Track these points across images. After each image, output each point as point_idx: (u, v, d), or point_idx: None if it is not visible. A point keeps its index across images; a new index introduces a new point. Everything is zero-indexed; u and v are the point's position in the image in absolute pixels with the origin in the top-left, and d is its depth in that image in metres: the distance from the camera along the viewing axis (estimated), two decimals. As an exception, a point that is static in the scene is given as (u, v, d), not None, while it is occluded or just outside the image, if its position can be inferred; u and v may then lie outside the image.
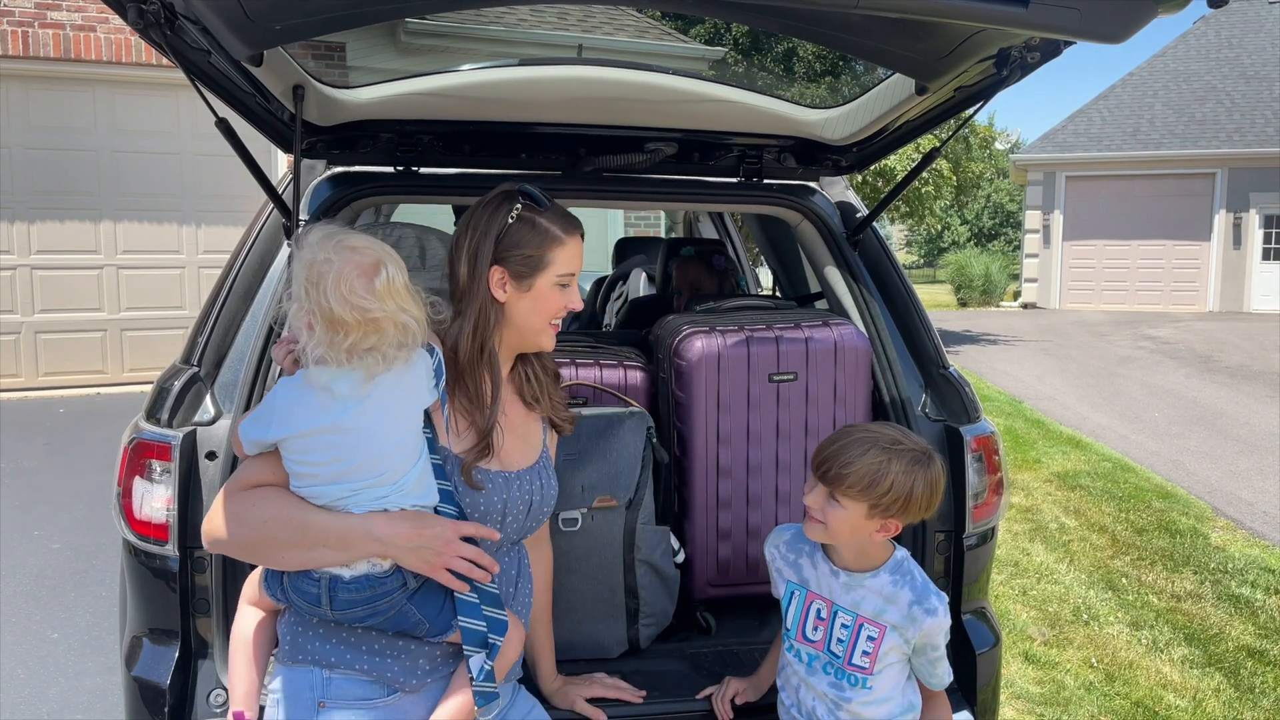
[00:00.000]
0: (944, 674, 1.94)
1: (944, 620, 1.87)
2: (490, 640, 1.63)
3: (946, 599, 1.90)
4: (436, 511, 1.65)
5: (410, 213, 5.64)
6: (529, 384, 1.90)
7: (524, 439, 1.87)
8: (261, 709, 1.72)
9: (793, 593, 1.99)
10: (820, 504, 1.84)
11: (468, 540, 1.64)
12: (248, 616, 1.76)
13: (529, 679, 2.04)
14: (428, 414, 1.69)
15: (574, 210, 1.91)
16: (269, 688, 1.68)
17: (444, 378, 1.69)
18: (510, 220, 1.76)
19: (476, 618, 1.62)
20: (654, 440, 2.36)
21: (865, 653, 1.87)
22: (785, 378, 2.46)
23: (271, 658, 1.74)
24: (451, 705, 1.64)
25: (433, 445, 1.69)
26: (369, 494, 1.57)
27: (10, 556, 4.91)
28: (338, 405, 1.54)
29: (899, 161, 11.86)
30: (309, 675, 1.62)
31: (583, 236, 1.84)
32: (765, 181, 2.79)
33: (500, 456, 1.80)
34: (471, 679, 1.61)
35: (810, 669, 1.95)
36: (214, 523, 1.60)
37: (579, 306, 1.86)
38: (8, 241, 8.89)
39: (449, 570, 1.59)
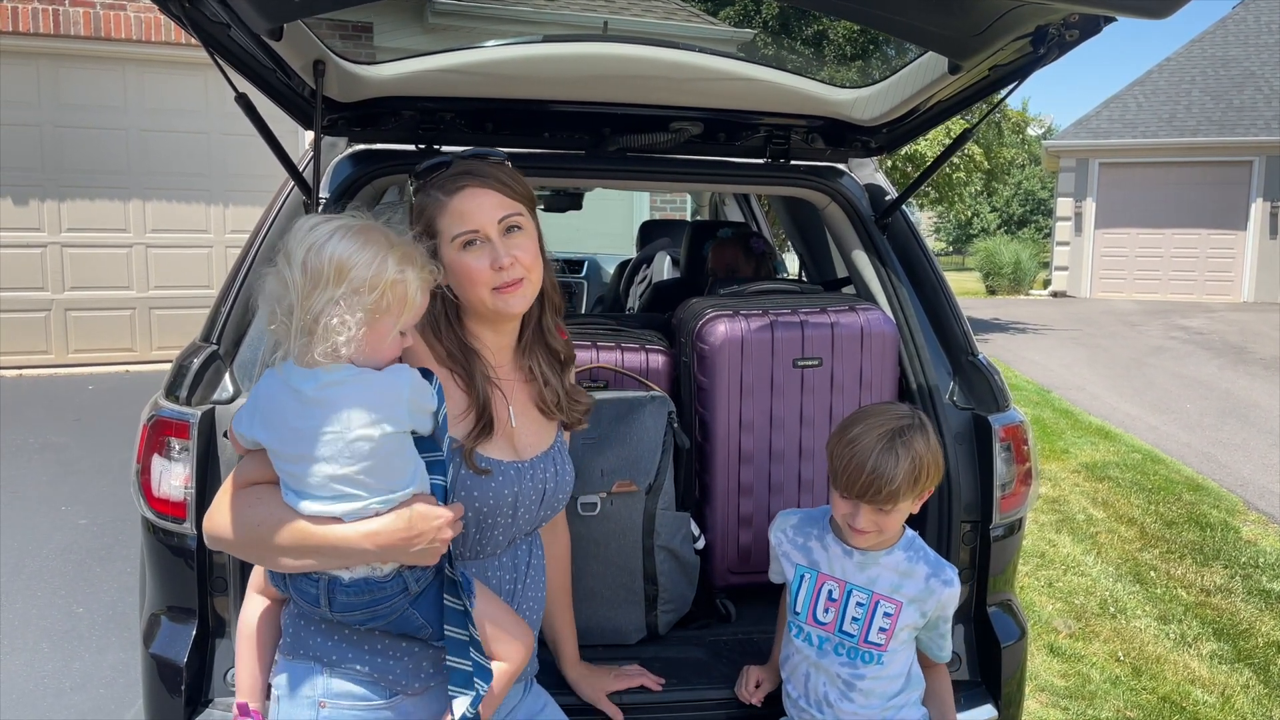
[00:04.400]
0: (949, 646, 2.02)
1: (957, 591, 1.94)
2: (477, 686, 1.50)
3: (958, 570, 1.97)
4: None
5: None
6: (546, 388, 1.78)
7: (536, 420, 1.79)
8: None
9: (802, 576, 1.98)
10: (874, 521, 1.86)
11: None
12: (254, 605, 1.68)
13: (549, 663, 2.01)
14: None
15: (598, 190, 1.86)
16: (274, 681, 1.62)
17: (443, 404, 1.54)
18: (412, 202, 1.67)
19: (464, 657, 1.50)
20: (675, 425, 2.33)
21: (882, 629, 1.90)
22: (810, 363, 2.42)
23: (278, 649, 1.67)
24: None
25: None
26: (341, 502, 1.45)
27: (38, 531, 4.97)
28: (296, 406, 1.46)
29: (929, 147, 11.69)
30: (310, 672, 1.55)
31: (484, 183, 1.62)
32: (792, 163, 2.74)
33: (514, 443, 1.73)
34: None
35: (821, 651, 1.95)
36: (212, 521, 1.55)
37: (506, 262, 1.61)
38: (39, 219, 8.97)
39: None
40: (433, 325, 1.68)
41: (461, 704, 1.49)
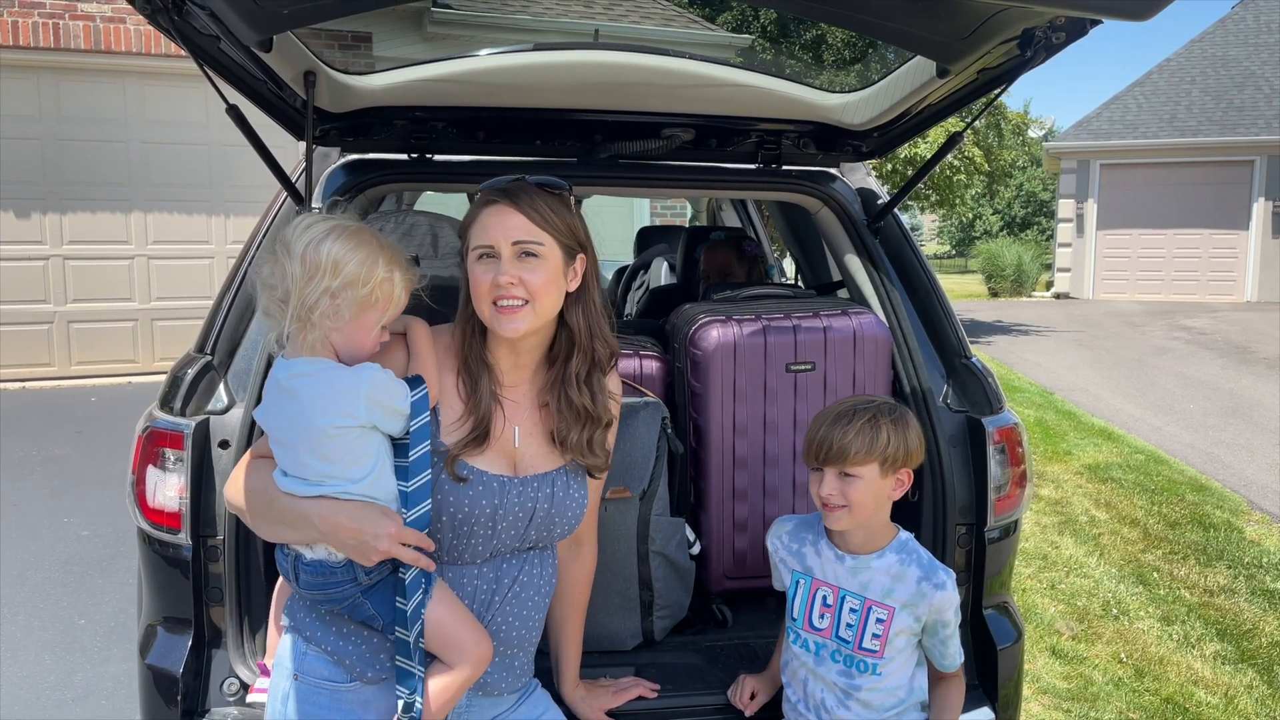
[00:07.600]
0: (955, 654, 1.94)
1: (953, 595, 1.88)
2: (416, 700, 1.59)
3: (954, 574, 1.91)
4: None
5: (437, 202, 5.63)
6: (559, 425, 1.77)
7: (545, 445, 1.78)
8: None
9: (798, 582, 1.98)
10: (837, 487, 1.84)
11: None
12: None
13: (547, 677, 1.99)
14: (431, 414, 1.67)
15: (594, 198, 1.86)
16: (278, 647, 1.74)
17: (424, 413, 1.62)
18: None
19: (409, 658, 1.58)
20: (669, 431, 2.33)
21: (875, 635, 1.87)
22: (803, 368, 2.42)
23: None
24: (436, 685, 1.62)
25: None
26: (310, 486, 1.56)
27: (40, 543, 4.97)
28: (275, 392, 1.61)
29: (930, 149, 11.70)
30: (294, 644, 1.67)
31: (514, 203, 1.65)
32: (784, 168, 2.74)
33: (515, 460, 1.74)
34: (397, 718, 1.59)
35: (818, 658, 1.93)
36: (228, 485, 1.73)
37: (504, 280, 1.64)
38: (40, 232, 9.00)
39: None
40: (463, 336, 1.75)
41: (406, 702, 1.58)
